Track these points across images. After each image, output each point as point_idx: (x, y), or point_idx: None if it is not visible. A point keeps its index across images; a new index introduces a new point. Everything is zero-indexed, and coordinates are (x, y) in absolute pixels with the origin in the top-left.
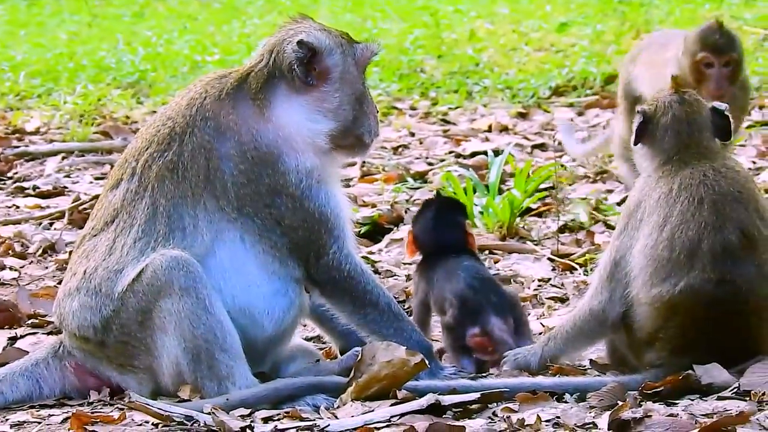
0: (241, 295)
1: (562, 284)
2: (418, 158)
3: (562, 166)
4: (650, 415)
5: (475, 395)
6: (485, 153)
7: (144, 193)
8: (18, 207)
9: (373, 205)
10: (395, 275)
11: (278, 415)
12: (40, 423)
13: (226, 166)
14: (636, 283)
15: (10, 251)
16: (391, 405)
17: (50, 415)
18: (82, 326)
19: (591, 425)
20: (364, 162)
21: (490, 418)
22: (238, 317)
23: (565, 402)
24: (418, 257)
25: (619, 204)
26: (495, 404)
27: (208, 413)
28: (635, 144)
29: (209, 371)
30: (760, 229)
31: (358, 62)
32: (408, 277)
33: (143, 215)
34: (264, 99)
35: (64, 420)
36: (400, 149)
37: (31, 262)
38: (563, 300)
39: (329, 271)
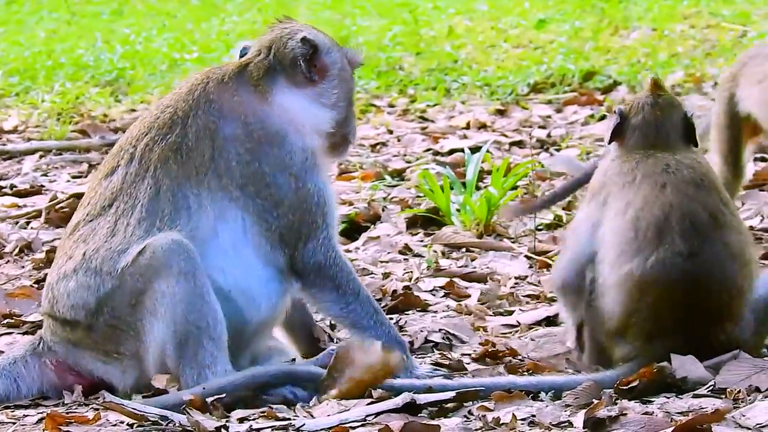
0: (242, 276)
1: (539, 282)
2: (395, 156)
3: (539, 163)
4: (625, 413)
5: (451, 394)
6: (463, 150)
7: (145, 174)
8: None
9: (350, 203)
10: (372, 273)
11: (254, 414)
12: (14, 423)
13: (232, 146)
14: (603, 268)
15: None
16: (367, 404)
17: (25, 416)
18: (75, 306)
19: (566, 424)
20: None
21: (465, 416)
22: (237, 298)
23: (541, 400)
24: None
25: None
26: (471, 403)
27: (183, 413)
28: (609, 143)
29: (193, 358)
30: (724, 213)
31: (351, 63)
32: (385, 275)
33: (146, 195)
34: (266, 86)
35: (39, 420)
36: (378, 147)
37: (8, 261)
38: (539, 297)
39: (315, 255)
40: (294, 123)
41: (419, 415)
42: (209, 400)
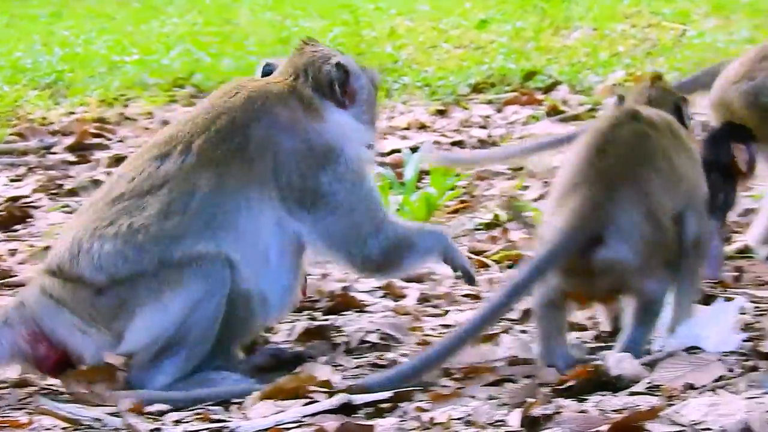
0: (271, 285)
1: (477, 281)
2: None
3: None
4: (561, 412)
5: (388, 394)
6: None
7: (207, 167)
8: None
9: None
10: (310, 274)
11: (188, 416)
12: None
13: (293, 159)
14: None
15: None
16: (303, 405)
17: None
18: (101, 268)
19: (502, 423)
20: None
21: (401, 416)
22: (257, 303)
23: (477, 399)
24: None
25: (535, 200)
26: (407, 403)
27: (118, 416)
28: None
29: (163, 360)
30: (669, 131)
31: (373, 84)
32: (322, 276)
33: (208, 186)
34: (316, 105)
35: None
36: None
37: None
38: (477, 297)
39: (383, 242)
40: (347, 137)
41: (355, 415)
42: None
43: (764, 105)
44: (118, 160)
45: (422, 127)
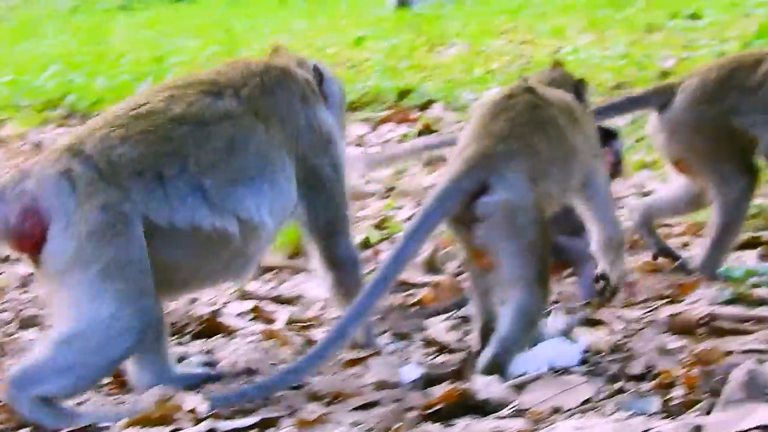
0: (264, 251)
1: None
2: None
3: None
4: None
5: (253, 420)
6: None
7: (257, 117)
8: None
9: None
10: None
11: None
12: None
13: (308, 134)
14: None
15: None
16: None
17: None
18: (146, 204)
19: None
20: None
21: None
22: (244, 262)
23: (343, 425)
24: None
25: (407, 220)
26: (273, 429)
27: None
28: None
29: (46, 375)
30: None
31: (341, 92)
32: (191, 300)
33: (263, 134)
34: (316, 92)
35: None
36: None
37: None
38: None
39: (349, 249)
40: (337, 132)
41: None
42: None
43: (736, 126)
44: None
45: None
